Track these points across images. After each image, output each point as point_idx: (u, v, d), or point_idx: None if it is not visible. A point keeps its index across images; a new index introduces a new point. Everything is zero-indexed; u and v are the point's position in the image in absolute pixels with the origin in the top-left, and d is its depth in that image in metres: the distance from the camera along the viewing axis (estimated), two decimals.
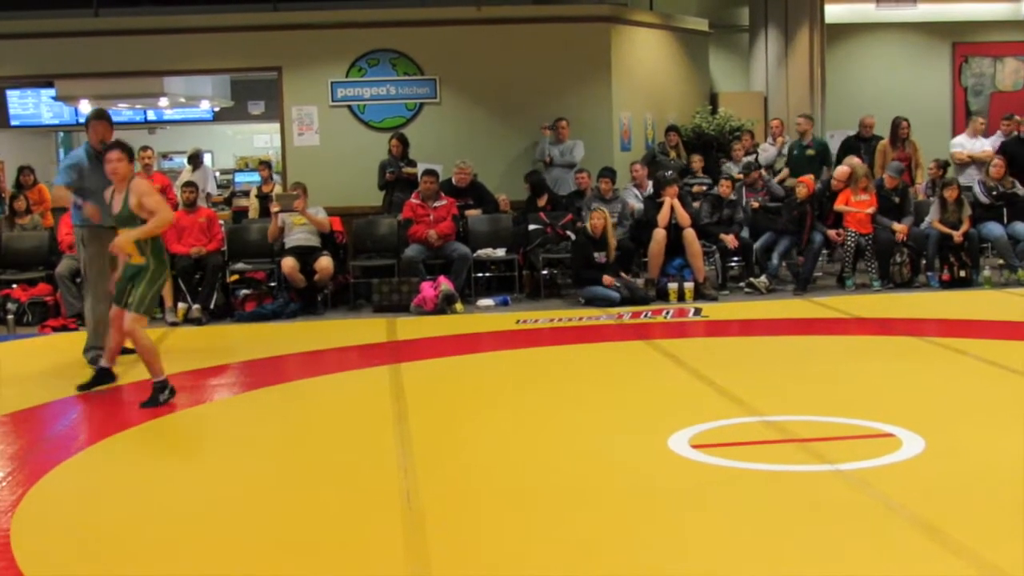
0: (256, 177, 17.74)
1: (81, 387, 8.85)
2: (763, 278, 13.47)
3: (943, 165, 15.15)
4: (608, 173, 13.95)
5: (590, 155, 15.45)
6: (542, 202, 14.24)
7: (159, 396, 8.26)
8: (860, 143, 15.84)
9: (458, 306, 12.61)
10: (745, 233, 13.85)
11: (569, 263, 13.35)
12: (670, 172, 14.01)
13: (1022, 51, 20.32)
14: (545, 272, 13.63)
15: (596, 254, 12.76)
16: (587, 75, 16.29)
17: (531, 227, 13.72)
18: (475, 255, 13.54)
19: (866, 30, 20.23)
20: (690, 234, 13.15)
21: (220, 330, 12.18)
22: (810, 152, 15.73)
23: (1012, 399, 7.85)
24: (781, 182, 15.11)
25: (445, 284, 12.63)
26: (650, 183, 14.46)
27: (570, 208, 14.03)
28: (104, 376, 8.98)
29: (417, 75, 15.84)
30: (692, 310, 12.21)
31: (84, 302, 10.16)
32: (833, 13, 19.24)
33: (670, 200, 13.31)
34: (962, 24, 20.43)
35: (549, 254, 13.59)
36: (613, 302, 12.49)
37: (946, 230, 13.41)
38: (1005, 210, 13.93)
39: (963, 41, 20.25)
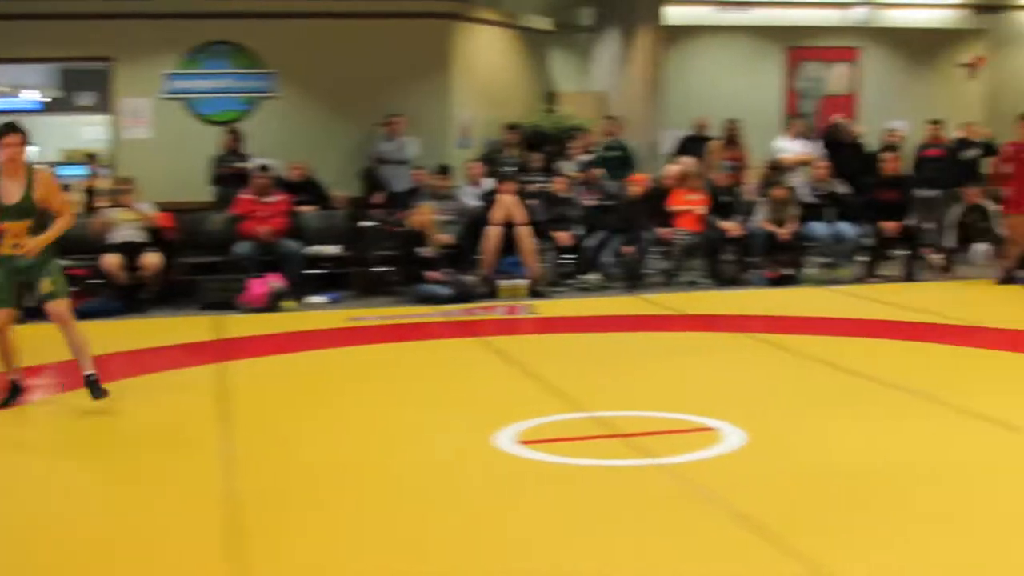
0: (81, 171, 17.31)
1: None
2: (595, 275, 13.57)
3: (774, 167, 15.45)
4: (444, 170, 13.91)
5: (428, 152, 15.40)
6: (377, 198, 14.15)
7: (99, 389, 7.76)
8: (695, 143, 16.09)
9: (288, 303, 12.45)
10: (579, 231, 13.94)
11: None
12: (509, 169, 14.03)
13: (852, 56, 20.81)
14: (379, 269, 13.52)
15: (420, 249, 12.71)
16: (427, 72, 16.23)
17: (365, 224, 13.62)
18: (307, 251, 13.37)
19: (703, 33, 20.50)
20: (524, 231, 13.18)
21: (35, 329, 11.60)
22: (615, 154, 15.87)
23: (833, 393, 8.05)
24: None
25: (275, 281, 12.46)
26: (487, 180, 14.47)
27: (406, 204, 13.95)
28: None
29: (255, 68, 15.61)
30: (524, 307, 12.25)
31: None
32: (672, 15, 19.48)
33: (505, 197, 13.32)
34: (795, 29, 20.84)
35: (382, 251, 13.49)
36: (444, 299, 12.45)
37: (773, 229, 13.68)
38: (829, 209, 14.24)
39: (796, 46, 20.65)
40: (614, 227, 13.78)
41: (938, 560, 4.90)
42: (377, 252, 13.45)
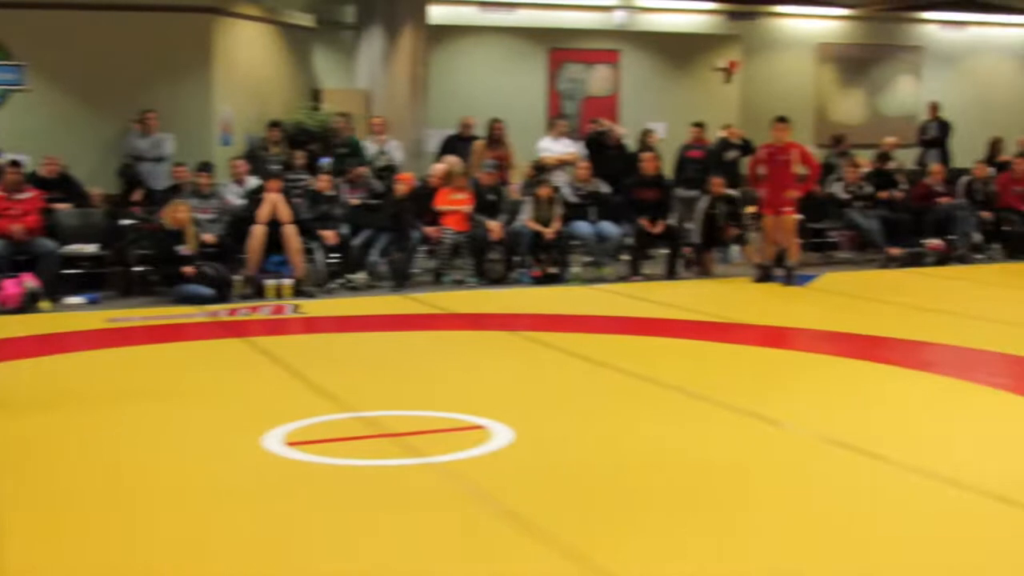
0: None
1: None
2: (362, 274, 13.51)
3: (539, 166, 15.64)
4: (206, 168, 13.64)
5: (189, 149, 15.07)
6: (136, 196, 13.78)
7: None
8: (460, 142, 16.17)
9: (44, 304, 12.00)
10: (345, 229, 13.84)
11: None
12: (273, 167, 13.84)
13: (612, 58, 21.24)
14: (139, 268, 13.14)
15: (178, 247, 12.43)
16: (187, 67, 15.91)
17: (123, 222, 13.24)
18: (63, 250, 12.91)
19: (468, 33, 20.65)
20: (290, 230, 13.01)
21: None
22: (343, 151, 15.87)
23: (598, 390, 8.20)
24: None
25: (30, 281, 11.99)
26: (250, 178, 14.25)
27: (166, 203, 13.61)
28: None
29: (3, 60, 14.99)
30: (290, 307, 12.10)
31: None
32: (436, 14, 19.54)
33: (271, 195, 13.13)
34: (557, 31, 21.18)
35: (142, 250, 13.12)
36: (207, 299, 12.20)
37: (538, 228, 13.85)
38: (593, 209, 14.48)
39: (558, 47, 20.98)
40: (380, 226, 13.73)
41: (701, 551, 5.04)
42: (136, 251, 13.07)
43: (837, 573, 4.84)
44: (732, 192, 14.83)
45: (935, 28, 24.53)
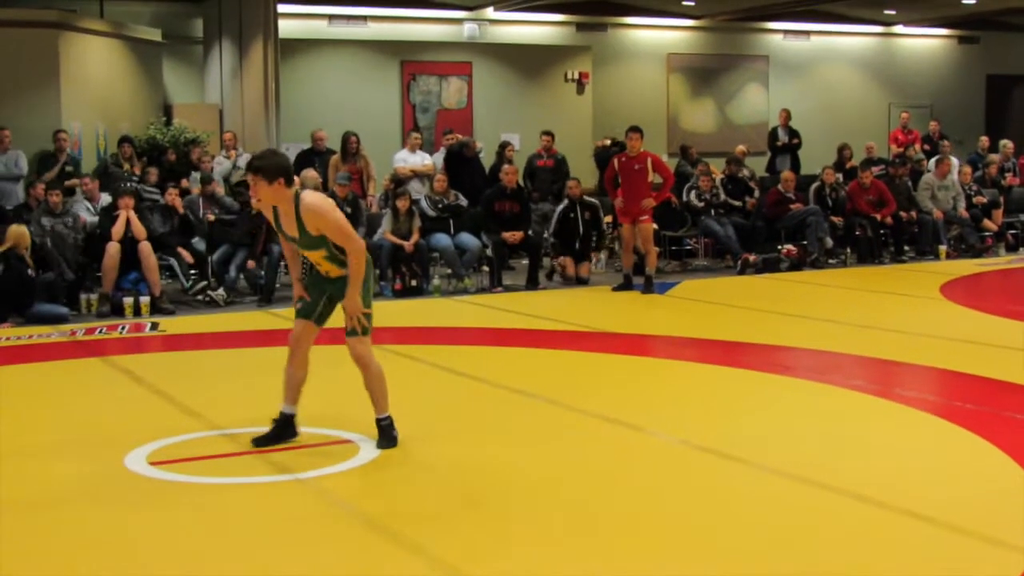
0: None
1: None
2: (221, 290, 13.34)
3: (396, 179, 15.61)
4: (56, 185, 13.33)
5: (37, 166, 14.79)
6: None
7: (392, 433, 6.88)
8: (315, 156, 16.08)
9: None
10: (202, 245, 13.65)
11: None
12: (127, 183, 13.59)
13: (465, 71, 21.31)
14: None
15: (26, 269, 12.11)
16: (33, 83, 15.60)
17: None
18: None
19: (320, 46, 20.56)
20: (146, 247, 12.77)
21: None
22: None
23: (465, 402, 8.22)
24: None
25: None
26: (103, 195, 13.99)
27: (18, 221, 13.27)
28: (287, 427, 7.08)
29: None
30: (149, 324, 11.89)
31: None
32: (287, 28, 19.40)
33: (125, 212, 12.87)
34: (409, 44, 21.20)
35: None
36: (62, 318, 11.92)
37: (397, 241, 13.81)
38: (451, 221, 14.50)
39: (411, 60, 20.99)
40: (238, 241, 13.57)
41: (567, 558, 5.09)
42: None
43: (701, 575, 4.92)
44: (591, 199, 14.94)
45: (779, 38, 25.10)
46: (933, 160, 18.53)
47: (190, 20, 19.94)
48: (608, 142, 16.87)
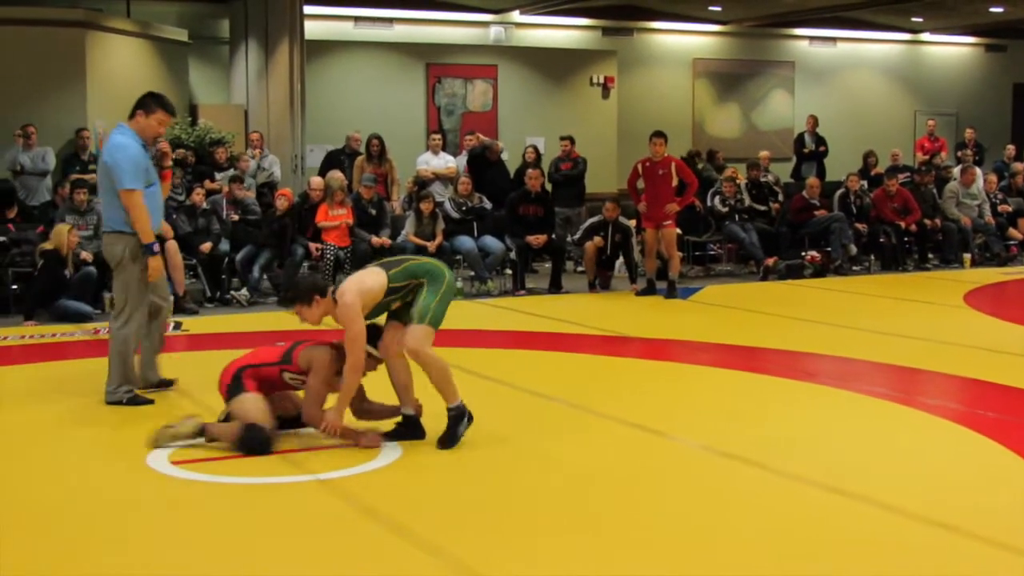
0: None
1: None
2: (244, 291, 13.38)
3: (419, 181, 15.63)
4: (82, 184, 13.39)
5: (62, 166, 14.87)
6: (11, 213, 13.47)
7: (458, 429, 6.91)
8: (344, 157, 16.12)
9: None
10: (225, 245, 13.69)
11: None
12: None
13: (490, 74, 21.31)
14: (15, 287, 12.84)
15: (66, 271, 12.19)
16: (59, 81, 15.68)
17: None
18: None
19: (346, 48, 20.58)
20: (172, 246, 12.78)
21: None
22: None
23: (485, 404, 8.10)
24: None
25: None
26: None
27: (43, 219, 13.35)
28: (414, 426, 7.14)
29: None
30: (172, 324, 11.89)
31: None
32: (313, 30, 19.44)
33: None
34: (435, 46, 21.20)
35: (17, 268, 12.81)
36: (88, 317, 11.98)
37: (421, 242, 13.82)
38: (475, 224, 14.51)
39: (436, 63, 20.99)
40: (261, 242, 13.61)
41: (588, 563, 5.08)
42: (15, 269, 12.75)
43: None
44: (626, 222, 14.78)
45: (805, 44, 25.04)
46: (958, 168, 18.42)
47: (216, 21, 20.00)
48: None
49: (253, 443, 6.72)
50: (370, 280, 6.86)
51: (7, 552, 5.21)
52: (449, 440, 6.83)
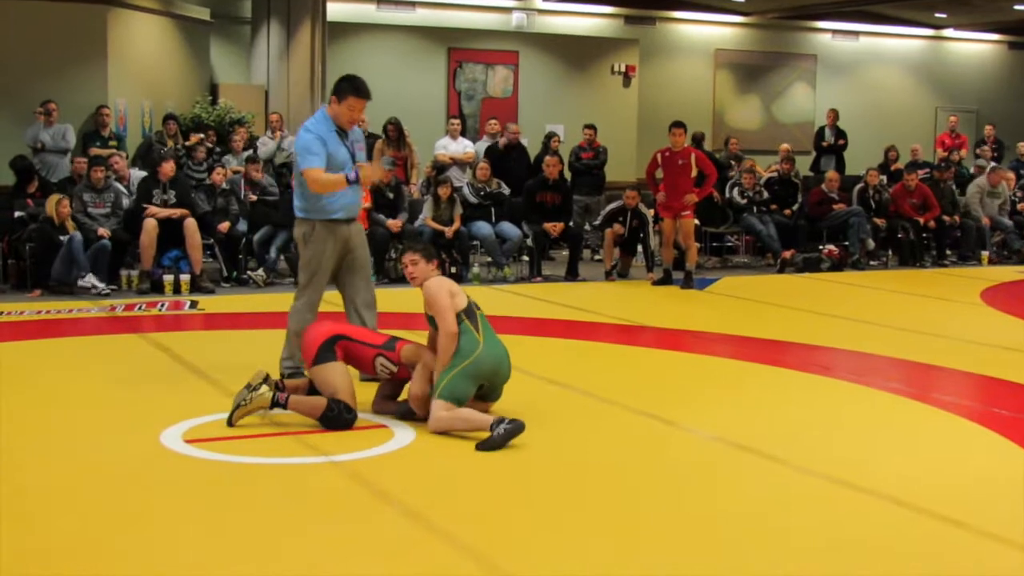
0: None
1: None
2: (261, 271, 13.40)
3: (438, 166, 15.61)
4: (100, 161, 13.42)
5: (82, 142, 14.89)
6: (31, 188, 13.50)
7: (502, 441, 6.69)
8: (368, 139, 16.10)
9: None
10: (243, 226, 13.70)
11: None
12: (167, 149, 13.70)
13: (511, 60, 21.29)
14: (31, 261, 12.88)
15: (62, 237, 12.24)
16: (81, 58, 15.70)
17: (17, 214, 12.98)
18: None
19: (367, 30, 20.58)
20: (191, 224, 12.84)
21: None
22: None
23: (510, 395, 8.16)
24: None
25: None
26: (132, 171, 14.15)
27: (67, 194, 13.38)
28: None
29: None
30: (188, 303, 11.95)
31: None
32: (335, 11, 19.44)
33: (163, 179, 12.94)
34: (457, 31, 21.19)
35: (34, 243, 12.83)
36: (101, 293, 12.01)
37: (438, 227, 13.82)
38: (493, 210, 14.51)
39: (458, 47, 20.98)
40: (278, 223, 13.62)
41: (601, 551, 5.07)
42: (32, 244, 12.79)
43: (735, 574, 4.90)
44: (645, 210, 14.79)
45: (828, 37, 24.97)
46: (989, 167, 18.29)
47: (239, 0, 20.01)
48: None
49: (338, 422, 6.86)
50: (457, 293, 7.38)
51: (19, 527, 5.22)
52: (490, 445, 6.64)
